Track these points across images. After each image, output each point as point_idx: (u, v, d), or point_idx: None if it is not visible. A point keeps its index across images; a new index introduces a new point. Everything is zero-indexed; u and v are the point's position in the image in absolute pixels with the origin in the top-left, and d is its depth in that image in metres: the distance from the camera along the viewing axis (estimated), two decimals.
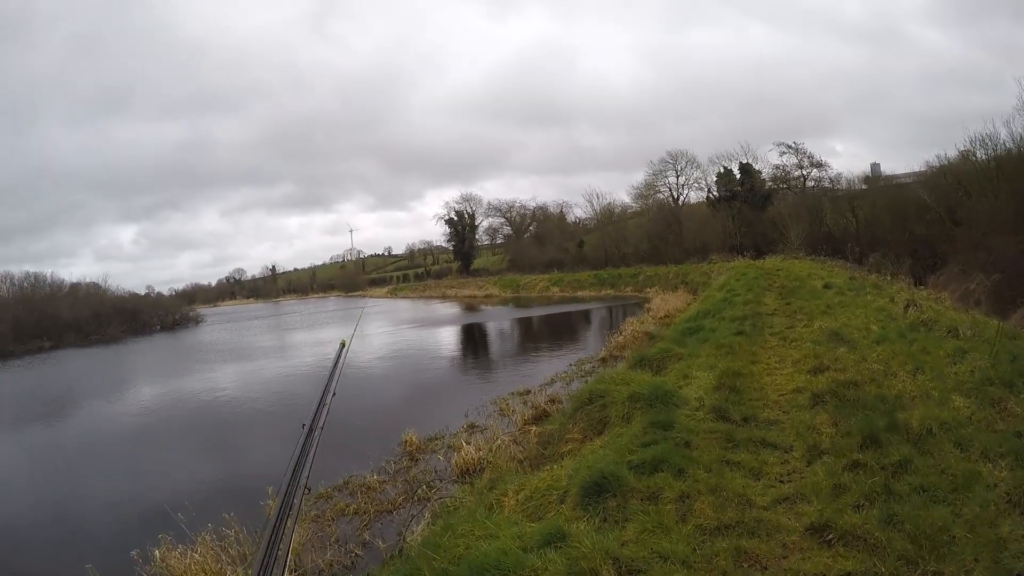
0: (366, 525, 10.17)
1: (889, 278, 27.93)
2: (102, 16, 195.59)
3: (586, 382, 17.42)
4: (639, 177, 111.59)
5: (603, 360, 22.55)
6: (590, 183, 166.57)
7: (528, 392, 18.50)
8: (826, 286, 23.55)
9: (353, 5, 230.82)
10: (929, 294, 23.95)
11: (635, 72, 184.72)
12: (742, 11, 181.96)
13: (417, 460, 13.33)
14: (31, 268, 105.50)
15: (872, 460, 6.37)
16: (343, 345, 4.83)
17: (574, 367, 22.26)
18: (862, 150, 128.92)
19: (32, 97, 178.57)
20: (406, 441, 14.13)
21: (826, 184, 63.79)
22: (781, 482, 6.49)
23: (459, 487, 10.39)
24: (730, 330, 15.24)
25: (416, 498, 10.91)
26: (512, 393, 18.60)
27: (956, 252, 35.10)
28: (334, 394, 3.98)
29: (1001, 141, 37.28)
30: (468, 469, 11.51)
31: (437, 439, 14.58)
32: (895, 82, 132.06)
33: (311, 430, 3.46)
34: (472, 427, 15.21)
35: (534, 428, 11.77)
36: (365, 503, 11.05)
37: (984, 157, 38.81)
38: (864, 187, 57.42)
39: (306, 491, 3.00)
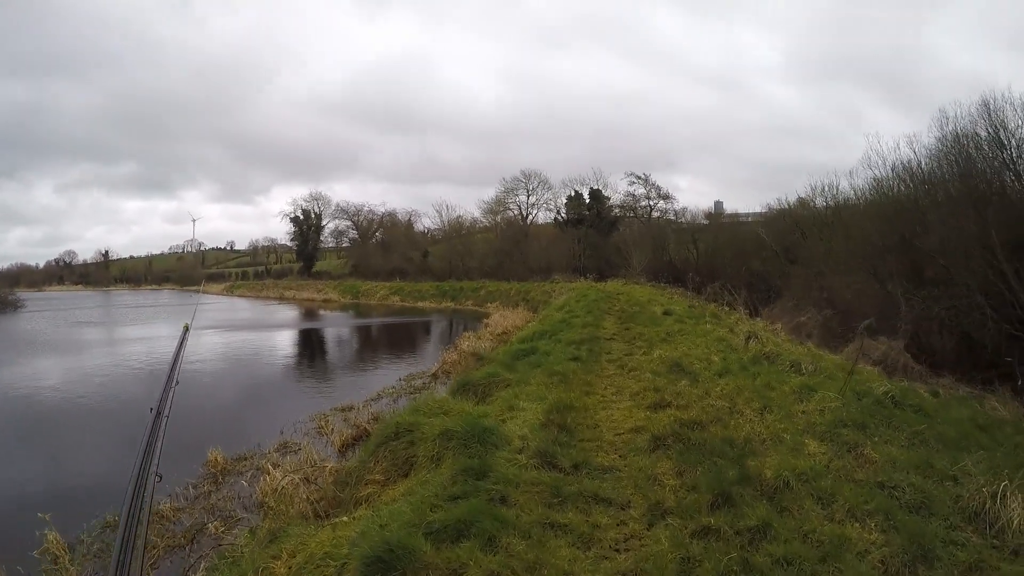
0: (152, 565, 8.38)
1: (727, 308, 27.97)
2: None
3: (414, 398, 16.21)
4: (491, 193, 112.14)
5: (434, 376, 21.18)
6: (441, 195, 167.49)
7: (351, 408, 16.73)
8: (666, 312, 22.97)
9: None
10: (765, 325, 23.77)
11: (496, 90, 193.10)
12: (602, 44, 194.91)
13: (221, 484, 11.64)
14: None
15: (725, 523, 5.29)
16: (186, 329, 4.74)
17: (404, 382, 20.80)
18: (705, 187, 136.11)
19: None
20: (211, 460, 12.34)
21: (671, 216, 65.11)
22: (617, 551, 5.19)
23: (244, 532, 8.61)
24: (566, 355, 14.00)
25: (206, 535, 9.19)
26: (335, 408, 16.94)
27: (790, 287, 35.89)
28: (177, 382, 3.84)
29: (841, 191, 38.75)
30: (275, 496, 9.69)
31: (246, 459, 12.80)
32: (740, 128, 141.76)
33: (159, 414, 3.32)
34: (286, 446, 13.53)
35: (329, 465, 9.98)
36: (155, 535, 9.12)
37: (823, 204, 40.45)
38: (706, 222, 58.92)
39: (158, 478, 2.87)
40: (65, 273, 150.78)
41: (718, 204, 66.85)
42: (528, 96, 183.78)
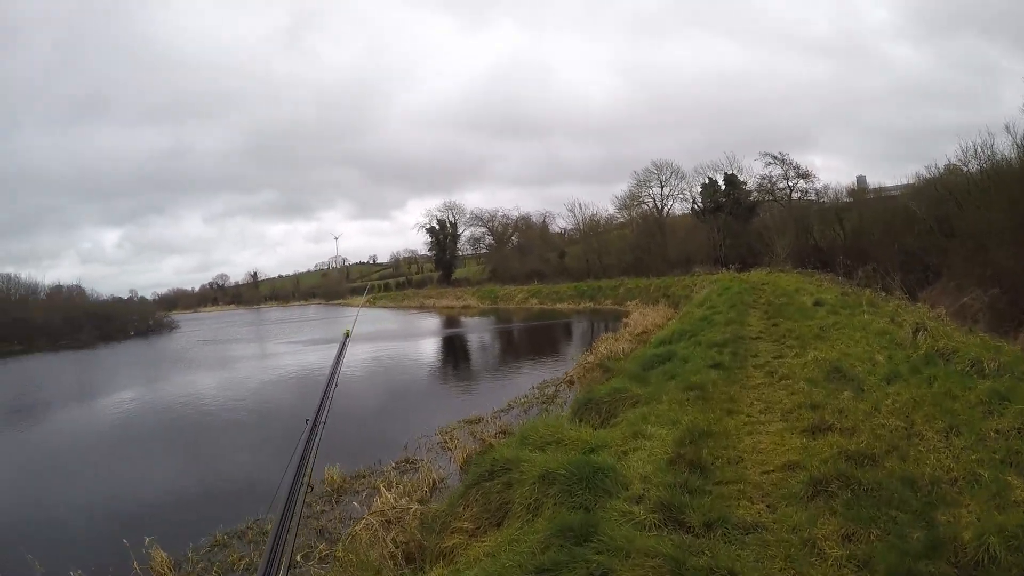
0: None
1: (883, 293, 25.52)
2: (83, 24, 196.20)
3: (546, 410, 15.63)
4: (619, 189, 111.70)
5: (569, 382, 20.11)
6: (571, 194, 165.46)
7: (479, 420, 15.99)
8: (817, 303, 20.86)
9: (326, 20, 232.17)
10: (927, 311, 21.44)
11: (608, 86, 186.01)
12: (703, 27, 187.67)
13: (337, 502, 11.30)
14: (12, 270, 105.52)
15: None
16: (347, 335, 4.50)
17: (537, 390, 19.76)
18: (841, 164, 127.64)
19: (12, 101, 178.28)
20: (328, 479, 11.89)
21: (812, 196, 61.31)
22: None
23: None
24: (705, 360, 12.40)
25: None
26: (462, 421, 16.15)
27: (949, 265, 32.94)
28: (336, 386, 3.62)
29: (998, 152, 34.76)
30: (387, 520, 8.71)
31: (364, 476, 12.37)
32: (868, 97, 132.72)
33: (315, 424, 3.12)
34: (407, 462, 13.01)
35: (415, 507, 8.80)
36: (258, 558, 8.63)
37: (977, 168, 36.56)
38: (850, 200, 55.10)
39: (309, 488, 2.76)
40: (219, 295, 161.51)
41: (861, 179, 61.57)
42: (640, 88, 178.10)
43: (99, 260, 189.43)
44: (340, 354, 4.19)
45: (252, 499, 10.75)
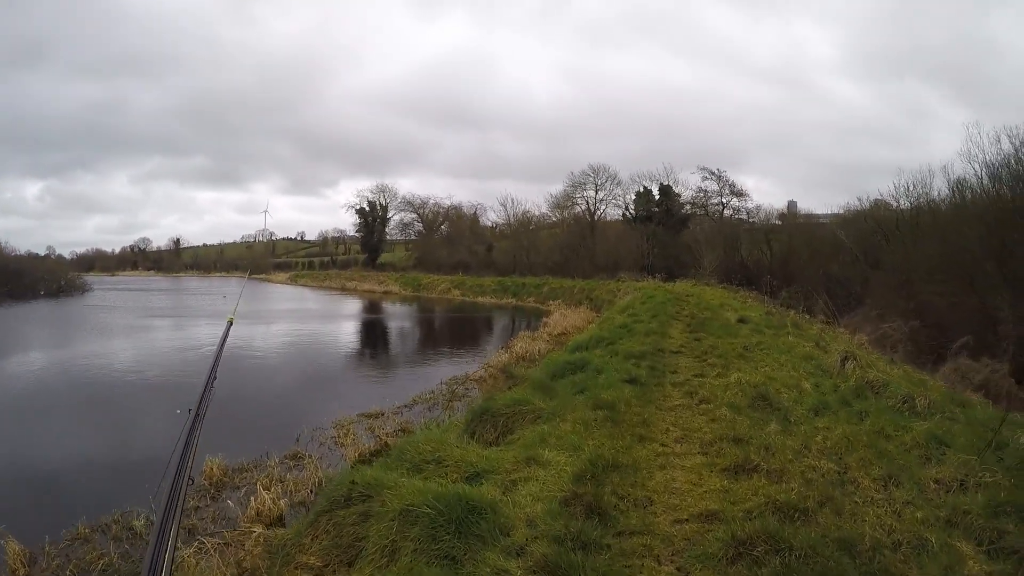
0: None
1: (806, 315, 25.26)
2: None
3: (449, 410, 14.57)
4: (554, 188, 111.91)
5: (479, 380, 18.89)
6: (505, 189, 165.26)
7: (380, 415, 14.67)
8: (741, 320, 20.17)
9: None
10: (849, 337, 20.95)
11: (553, 87, 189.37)
12: (653, 41, 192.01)
13: (213, 498, 9.96)
14: None
15: None
16: (230, 323, 4.28)
17: (445, 386, 18.56)
18: (773, 187, 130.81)
19: None
20: (207, 471, 10.48)
21: (743, 215, 62.04)
22: None
23: None
24: (621, 373, 11.26)
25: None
26: (361, 414, 14.77)
27: (872, 294, 33.61)
28: (215, 377, 3.43)
29: (933, 190, 36.45)
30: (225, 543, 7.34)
31: (247, 471, 10.93)
32: (805, 127, 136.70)
33: (197, 415, 2.97)
34: (295, 458, 11.66)
35: (258, 530, 7.40)
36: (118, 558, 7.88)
37: (907, 205, 38.53)
38: (779, 222, 56.09)
39: (190, 482, 2.63)
40: (139, 259, 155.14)
41: (792, 204, 62.67)
42: (585, 93, 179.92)
43: (18, 212, 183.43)
44: (223, 342, 3.97)
45: (121, 486, 10.03)
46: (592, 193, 70.12)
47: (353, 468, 7.85)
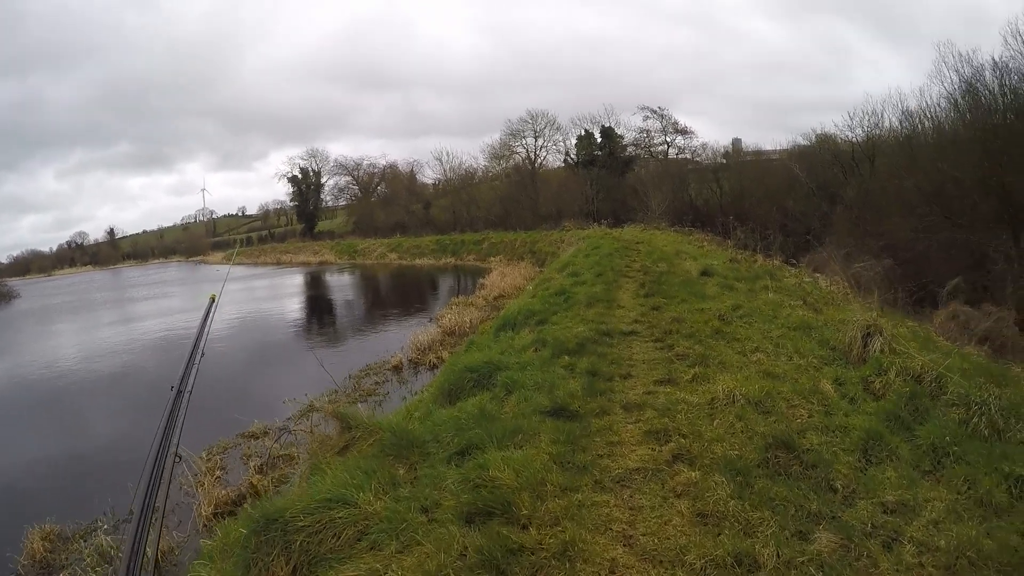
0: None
1: (763, 257, 22.42)
2: None
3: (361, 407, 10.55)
4: (485, 142, 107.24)
5: (396, 368, 16.02)
6: (437, 145, 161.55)
7: (263, 434, 11.58)
8: (705, 273, 15.87)
9: None
10: (844, 289, 17.10)
11: (469, 42, 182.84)
12: None
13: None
14: None
15: None
16: (212, 300, 4.14)
17: (354, 380, 15.12)
18: (706, 128, 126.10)
19: None
20: (29, 545, 8.39)
21: (687, 155, 58.03)
22: None
23: None
24: (542, 392, 6.95)
25: None
26: (242, 434, 11.71)
27: (835, 231, 30.01)
28: (203, 354, 3.38)
29: (884, 123, 34.64)
30: None
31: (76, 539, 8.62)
32: (729, 67, 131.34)
33: (180, 392, 2.97)
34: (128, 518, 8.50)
35: None
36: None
37: (861, 135, 36.16)
38: (723, 161, 52.56)
39: (176, 459, 2.76)
40: (76, 255, 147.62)
41: (736, 141, 59.35)
42: (503, 46, 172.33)
43: None
44: (206, 318, 3.80)
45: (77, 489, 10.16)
46: (531, 140, 65.57)
47: None
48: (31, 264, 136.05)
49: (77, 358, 23.79)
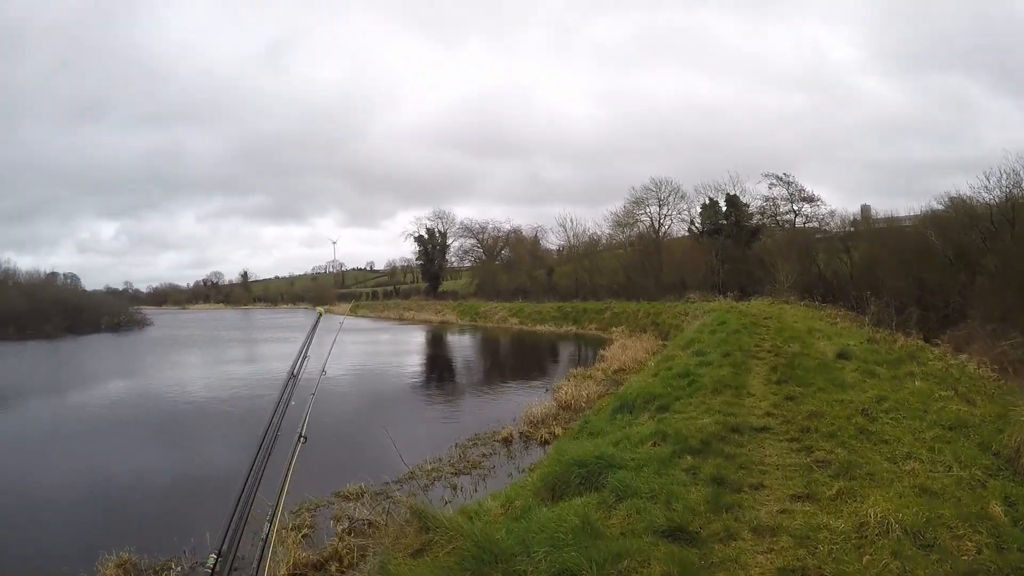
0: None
1: (918, 341, 20.48)
2: (82, 34, 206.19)
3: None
4: (606, 209, 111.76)
5: (505, 440, 15.68)
6: (559, 212, 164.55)
7: (358, 496, 11.43)
8: (841, 355, 14.66)
9: (306, 41, 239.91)
10: (984, 372, 15.53)
11: (585, 110, 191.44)
12: (674, 60, 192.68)
13: None
14: (12, 254, 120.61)
15: None
16: (320, 315, 4.62)
17: (459, 448, 15.03)
18: (828, 196, 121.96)
19: (19, 101, 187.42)
20: (103, 571, 8.53)
21: (815, 223, 55.12)
22: None
23: None
24: (658, 504, 5.99)
25: None
26: (336, 494, 11.60)
27: (978, 304, 27.68)
28: (307, 357, 3.56)
29: None
30: None
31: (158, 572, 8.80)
32: (846, 130, 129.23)
33: (293, 375, 3.14)
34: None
35: None
36: None
37: (1000, 199, 32.87)
38: (852, 229, 49.21)
39: (302, 440, 2.77)
40: (211, 292, 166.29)
41: (865, 207, 55.51)
42: (619, 115, 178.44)
43: (96, 250, 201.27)
44: (314, 330, 3.95)
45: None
46: (655, 208, 64.22)
47: None
48: (167, 296, 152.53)
49: (201, 388, 25.37)
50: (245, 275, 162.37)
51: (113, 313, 73.53)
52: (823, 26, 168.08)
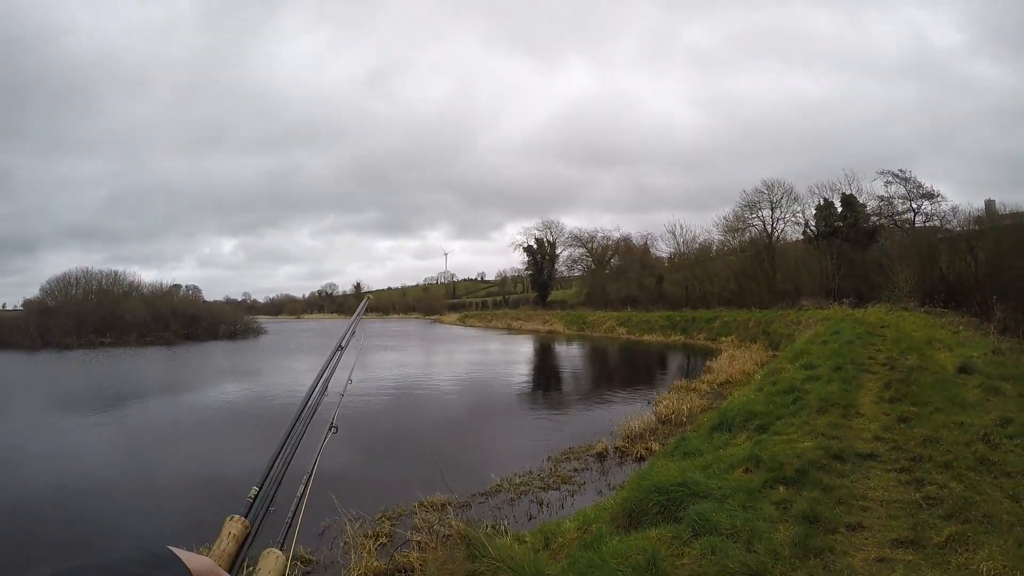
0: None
1: None
2: (201, 69, 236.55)
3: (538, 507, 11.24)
4: (714, 215, 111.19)
5: (599, 455, 14.71)
6: (666, 219, 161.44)
7: (442, 506, 10.98)
8: (963, 369, 13.51)
9: (409, 66, 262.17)
10: None
11: (687, 117, 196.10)
12: (772, 58, 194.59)
13: None
14: (138, 268, 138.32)
15: None
16: (367, 298, 4.15)
17: (551, 463, 14.27)
18: (947, 191, 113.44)
19: (145, 132, 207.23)
20: None
21: (935, 221, 52.02)
22: None
23: None
24: (738, 544, 5.34)
25: None
26: (420, 504, 11.10)
27: None
28: (353, 332, 3.30)
29: None
30: None
31: None
32: (962, 119, 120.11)
33: (340, 347, 2.92)
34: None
35: None
36: None
37: None
38: (976, 227, 45.89)
39: (333, 430, 2.55)
40: (325, 303, 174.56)
41: (989, 203, 51.03)
42: (722, 117, 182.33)
43: (217, 264, 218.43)
44: (358, 312, 3.66)
45: None
46: (768, 212, 62.32)
47: None
48: (284, 306, 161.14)
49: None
50: (358, 286, 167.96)
51: (229, 322, 78.28)
52: (919, 11, 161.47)
